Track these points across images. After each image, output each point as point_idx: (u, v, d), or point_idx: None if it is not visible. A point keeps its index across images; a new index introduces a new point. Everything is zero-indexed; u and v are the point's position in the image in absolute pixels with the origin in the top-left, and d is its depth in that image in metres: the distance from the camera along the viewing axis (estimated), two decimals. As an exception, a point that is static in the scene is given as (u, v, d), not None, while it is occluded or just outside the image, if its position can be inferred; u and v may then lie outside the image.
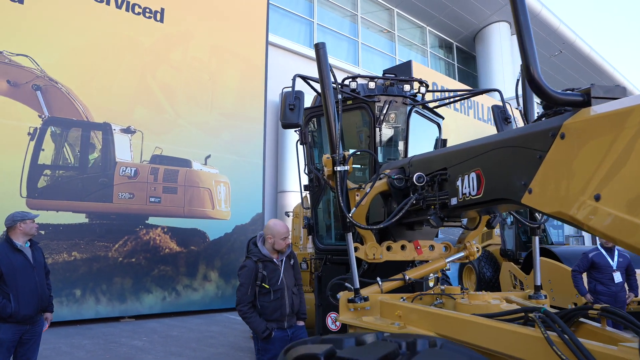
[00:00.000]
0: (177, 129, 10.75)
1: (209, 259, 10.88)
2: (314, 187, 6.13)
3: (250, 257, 4.03)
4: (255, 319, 3.95)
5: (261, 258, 4.00)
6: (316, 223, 6.21)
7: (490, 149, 3.10)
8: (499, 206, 3.36)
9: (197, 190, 10.85)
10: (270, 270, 4.02)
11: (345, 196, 4.06)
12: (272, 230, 4.07)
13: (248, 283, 3.93)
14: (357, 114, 6.05)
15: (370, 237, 4.62)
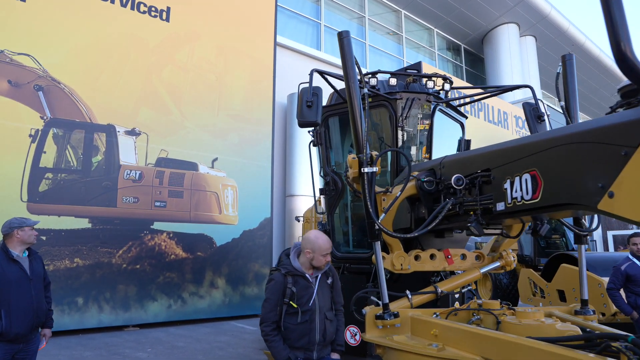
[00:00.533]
0: (183, 131, 10.35)
1: (215, 265, 10.46)
2: (330, 191, 5.71)
3: (279, 269, 3.41)
4: (278, 344, 3.29)
5: (291, 271, 3.37)
6: (332, 229, 5.78)
7: (550, 146, 2.66)
8: (558, 213, 2.93)
9: (203, 194, 10.44)
10: (301, 287, 3.34)
11: (373, 200, 3.64)
12: (313, 244, 3.37)
13: (274, 299, 3.30)
14: (377, 113, 5.64)
15: (398, 246, 4.20)
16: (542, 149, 2.71)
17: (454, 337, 3.22)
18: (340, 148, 6.10)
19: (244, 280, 10.85)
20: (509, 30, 23.24)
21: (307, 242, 3.40)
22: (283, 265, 3.44)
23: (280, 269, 3.39)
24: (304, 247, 3.41)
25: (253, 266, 11.07)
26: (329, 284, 3.60)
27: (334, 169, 5.84)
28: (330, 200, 5.76)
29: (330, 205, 5.76)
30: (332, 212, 5.78)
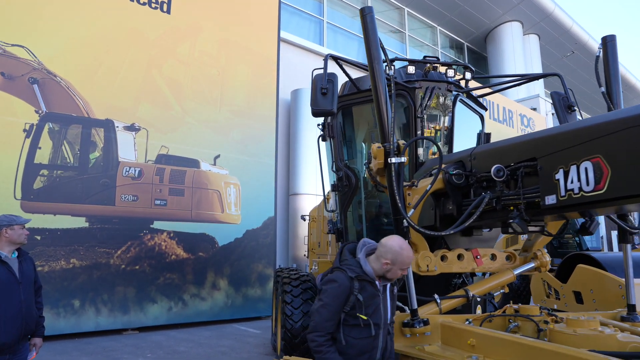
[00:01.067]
0: (184, 127, 9.96)
1: (218, 266, 10.06)
2: (343, 187, 5.32)
3: (344, 270, 2.74)
4: (334, 355, 2.65)
5: (360, 275, 2.73)
6: (345, 228, 5.39)
7: (620, 129, 2.28)
8: (628, 205, 2.56)
9: (205, 193, 10.05)
10: (368, 296, 2.72)
11: (402, 194, 3.25)
12: (395, 256, 2.73)
13: (335, 305, 2.65)
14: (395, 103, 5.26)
15: (423, 245, 3.80)
16: (609, 132, 2.33)
17: (496, 348, 2.84)
18: (354, 141, 5.72)
19: (247, 282, 10.45)
20: (512, 28, 22.89)
21: (388, 251, 2.74)
22: (348, 265, 2.78)
23: (346, 269, 2.73)
24: (382, 255, 2.75)
25: (256, 267, 10.67)
26: (395, 295, 3.02)
27: (347, 164, 5.46)
28: (343, 197, 5.37)
29: (343, 203, 5.38)
30: (345, 209, 5.39)
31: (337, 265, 2.82)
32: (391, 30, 20.56)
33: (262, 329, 9.37)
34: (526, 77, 5.11)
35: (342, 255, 2.92)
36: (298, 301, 5.81)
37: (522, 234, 3.36)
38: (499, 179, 3.01)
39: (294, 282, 6.07)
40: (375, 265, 2.76)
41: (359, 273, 2.73)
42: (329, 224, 6.08)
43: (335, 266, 2.82)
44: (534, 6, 21.95)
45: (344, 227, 5.36)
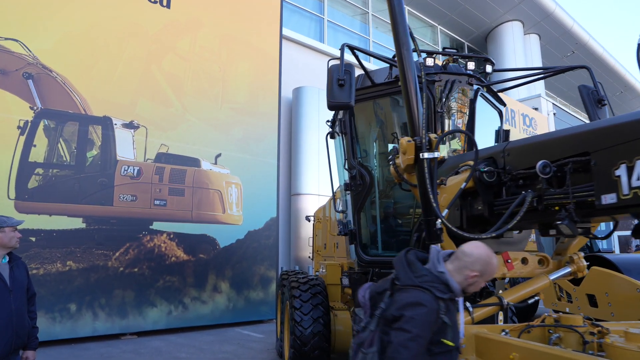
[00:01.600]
0: (184, 125, 9.61)
1: (219, 268, 9.72)
2: (356, 186, 5.00)
3: (429, 289, 2.11)
4: None
5: (444, 294, 2.14)
6: (358, 229, 5.07)
7: None
8: None
9: (206, 192, 9.71)
10: (452, 317, 2.19)
11: (435, 193, 2.93)
12: (484, 267, 2.24)
13: (426, 336, 2.05)
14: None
15: (450, 247, 3.49)
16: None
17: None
18: (368, 138, 5.40)
19: (249, 284, 10.12)
20: (513, 28, 22.65)
21: (476, 261, 2.23)
22: (430, 283, 2.14)
23: (431, 289, 2.11)
24: (467, 266, 2.23)
25: (258, 269, 10.34)
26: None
27: (360, 162, 5.14)
28: (356, 197, 5.05)
29: (356, 203, 5.05)
30: (359, 209, 5.07)
31: (415, 283, 2.14)
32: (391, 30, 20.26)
33: (265, 333, 9.03)
34: (551, 70, 4.81)
35: (412, 267, 2.23)
36: (308, 306, 5.49)
37: (570, 236, 3.06)
38: (546, 175, 2.68)
39: (303, 287, 5.75)
40: (459, 278, 2.24)
41: (444, 291, 2.14)
42: (339, 224, 5.74)
43: (411, 283, 2.15)
44: (534, 6, 21.72)
45: (357, 228, 5.04)
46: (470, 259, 2.25)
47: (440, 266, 2.22)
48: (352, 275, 5.09)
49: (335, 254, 7.34)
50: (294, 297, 5.62)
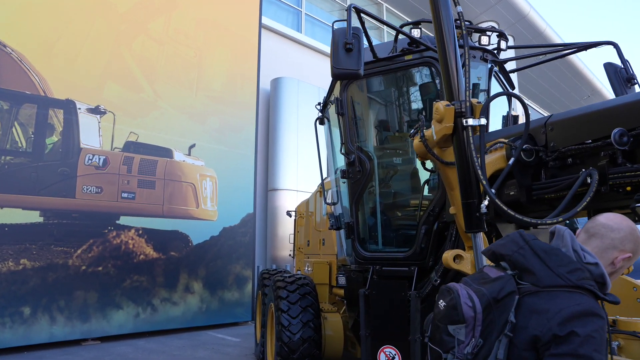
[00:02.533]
0: (156, 112, 8.82)
1: (191, 266, 8.96)
2: (355, 173, 4.40)
3: (593, 290, 1.43)
4: None
5: (605, 295, 1.48)
6: (356, 222, 4.47)
7: None
8: None
9: (178, 185, 8.94)
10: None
11: (484, 168, 2.37)
12: (636, 243, 1.57)
13: None
14: (420, 74, 4.40)
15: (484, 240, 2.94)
16: None
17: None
18: (368, 120, 4.82)
19: (224, 284, 9.39)
20: (488, 29, 22.54)
21: (626, 237, 1.55)
22: (586, 279, 1.43)
23: (593, 290, 1.42)
24: (616, 246, 1.55)
25: (234, 268, 9.62)
26: None
27: (360, 146, 4.55)
28: (354, 185, 4.45)
29: (354, 192, 4.45)
30: (357, 200, 4.47)
31: (572, 282, 1.41)
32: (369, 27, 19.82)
33: (241, 337, 8.34)
34: (575, 46, 4.33)
35: (556, 257, 1.47)
36: (296, 309, 4.87)
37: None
38: (623, 146, 2.15)
39: (291, 287, 5.11)
40: (605, 263, 1.55)
41: (601, 290, 1.46)
42: (330, 218, 5.14)
43: (565, 283, 1.41)
44: (510, 7, 21.68)
45: (355, 220, 4.44)
46: (619, 234, 1.55)
47: (590, 255, 1.51)
48: (350, 274, 4.48)
49: (320, 251, 6.74)
50: (280, 298, 4.98)
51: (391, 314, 4.10)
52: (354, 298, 4.61)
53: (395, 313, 4.09)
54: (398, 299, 4.04)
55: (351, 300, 4.82)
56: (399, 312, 4.06)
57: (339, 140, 5.45)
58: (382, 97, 4.70)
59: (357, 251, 4.39)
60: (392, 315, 4.10)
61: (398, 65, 4.26)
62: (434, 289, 3.89)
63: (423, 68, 4.29)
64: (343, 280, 4.48)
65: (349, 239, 4.48)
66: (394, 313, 4.10)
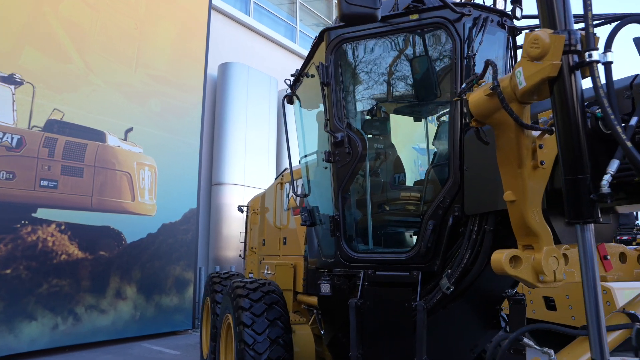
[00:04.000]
0: (87, 88, 7.44)
1: (124, 268, 7.65)
2: (342, 156, 3.51)
3: None
4: None
5: None
6: (342, 217, 3.57)
7: None
8: None
9: (112, 174, 7.61)
10: None
11: (618, 120, 1.55)
12: None
13: None
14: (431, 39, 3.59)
15: (548, 237, 2.15)
16: None
17: None
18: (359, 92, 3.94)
19: (161, 288, 8.14)
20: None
21: None
22: None
23: None
24: None
25: (173, 269, 8.39)
26: None
27: (349, 123, 3.66)
28: (341, 171, 3.55)
29: (341, 179, 3.55)
30: (345, 188, 3.57)
31: None
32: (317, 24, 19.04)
33: (181, 349, 7.17)
34: (603, 17, 3.70)
35: None
36: (262, 322, 3.88)
37: None
38: None
39: (254, 294, 4.12)
40: None
41: None
42: (303, 213, 4.21)
43: None
44: None
45: (341, 214, 3.53)
46: None
47: None
48: (335, 280, 3.56)
49: (280, 252, 5.78)
50: (242, 309, 3.97)
51: (391, 330, 3.25)
52: (336, 309, 3.71)
53: (396, 328, 3.25)
54: (400, 311, 3.20)
55: (331, 312, 3.92)
56: (401, 328, 3.22)
57: (313, 122, 4.59)
58: (378, 65, 3.84)
59: (344, 252, 3.49)
60: (393, 332, 3.25)
61: (402, 27, 3.43)
62: (443, 298, 3.10)
63: (433, 32, 3.49)
64: (327, 287, 3.55)
65: (334, 237, 3.57)
66: (394, 328, 3.25)
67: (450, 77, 3.37)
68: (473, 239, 2.98)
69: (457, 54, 3.24)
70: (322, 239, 4.02)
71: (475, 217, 2.99)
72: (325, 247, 3.94)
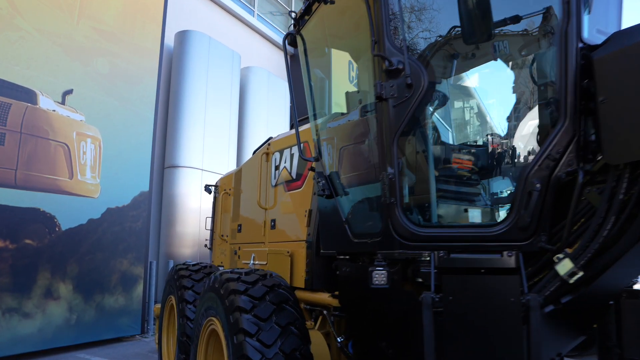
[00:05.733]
0: (13, 35, 5.79)
1: (57, 261, 6.06)
2: (400, 90, 2.38)
3: None
4: None
5: None
6: (399, 177, 2.41)
7: None
8: None
9: (44, 144, 6.00)
10: None
11: None
12: None
13: None
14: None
15: None
16: None
17: None
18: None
19: (103, 286, 6.60)
20: None
21: None
22: None
23: None
24: None
25: (119, 263, 6.86)
26: None
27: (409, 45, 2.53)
28: (397, 112, 2.41)
29: (395, 122, 2.40)
30: (404, 134, 2.44)
31: None
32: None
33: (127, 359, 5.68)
34: None
35: None
36: (271, 330, 2.67)
37: None
38: None
39: (255, 290, 2.88)
40: None
41: None
42: (319, 179, 3.05)
43: None
44: None
45: (396, 172, 2.38)
46: None
47: None
48: (393, 267, 2.38)
49: (266, 238, 4.53)
50: (240, 310, 2.72)
51: (488, 336, 2.14)
52: (378, 306, 2.56)
53: (496, 333, 2.14)
54: (500, 309, 2.12)
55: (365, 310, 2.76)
56: (502, 332, 2.13)
57: (326, 70, 3.49)
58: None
59: (402, 226, 2.36)
60: (490, 338, 2.15)
61: None
62: (562, 289, 2.08)
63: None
64: (383, 277, 2.34)
65: (385, 205, 2.41)
66: (493, 333, 2.15)
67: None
68: (619, 200, 1.97)
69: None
70: (353, 212, 2.86)
71: (623, 170, 1.99)
72: (359, 223, 2.79)
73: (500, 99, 2.65)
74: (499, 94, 2.69)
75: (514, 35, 2.80)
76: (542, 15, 2.47)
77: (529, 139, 2.40)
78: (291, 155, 4.27)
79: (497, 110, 2.67)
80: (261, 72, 11.37)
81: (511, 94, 2.61)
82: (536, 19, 2.59)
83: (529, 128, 2.42)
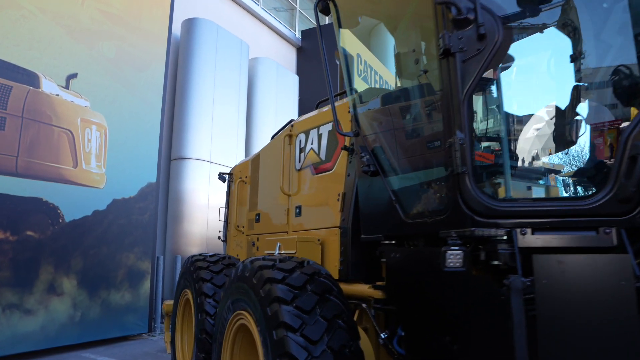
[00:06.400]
0: (14, 13, 5.40)
1: (60, 255, 5.66)
2: (470, 41, 2.00)
3: None
4: None
5: None
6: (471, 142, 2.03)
7: None
8: None
9: (47, 131, 5.60)
10: None
11: None
12: None
13: None
14: None
15: None
16: None
17: None
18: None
19: (109, 281, 6.20)
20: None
21: None
22: None
23: None
24: None
25: (126, 258, 6.47)
26: None
27: None
28: (466, 67, 2.03)
29: (466, 78, 2.02)
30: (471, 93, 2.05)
31: None
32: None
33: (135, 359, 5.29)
34: None
35: None
36: (317, 324, 2.29)
37: None
38: None
39: (294, 278, 2.48)
40: None
41: None
42: (364, 154, 2.67)
43: None
44: None
45: (467, 136, 2.00)
46: None
47: None
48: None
49: (290, 227, 4.15)
50: (279, 301, 2.33)
51: (591, 328, 1.76)
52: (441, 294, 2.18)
53: (603, 325, 1.76)
54: (617, 297, 1.74)
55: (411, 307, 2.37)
56: (611, 323, 1.75)
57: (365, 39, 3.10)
58: None
59: (475, 199, 1.97)
60: (607, 335, 1.76)
61: None
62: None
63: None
64: (459, 258, 1.94)
65: (455, 175, 2.02)
66: (598, 325, 1.76)
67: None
68: None
69: None
70: (406, 188, 2.49)
71: None
72: (415, 200, 2.41)
73: (588, 49, 2.28)
74: (585, 44, 2.32)
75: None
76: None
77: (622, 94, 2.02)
78: (319, 135, 3.88)
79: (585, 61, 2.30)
80: (270, 63, 10.99)
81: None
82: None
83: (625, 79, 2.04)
